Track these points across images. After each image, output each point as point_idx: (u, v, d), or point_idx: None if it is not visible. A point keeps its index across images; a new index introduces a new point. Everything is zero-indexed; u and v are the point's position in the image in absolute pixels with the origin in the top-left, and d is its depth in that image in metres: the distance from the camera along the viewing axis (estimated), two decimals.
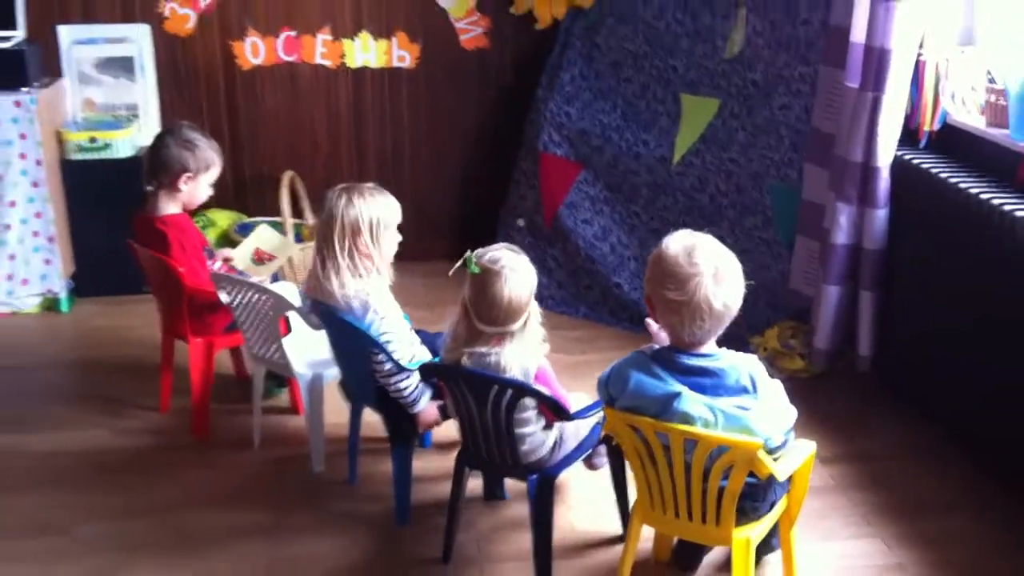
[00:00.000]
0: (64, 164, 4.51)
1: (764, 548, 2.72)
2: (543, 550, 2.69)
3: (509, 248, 2.64)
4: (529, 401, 2.57)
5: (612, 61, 4.43)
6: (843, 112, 3.53)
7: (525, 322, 2.59)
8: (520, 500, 3.06)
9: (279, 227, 4.39)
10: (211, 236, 4.62)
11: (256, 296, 3.17)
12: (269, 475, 3.28)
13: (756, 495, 2.42)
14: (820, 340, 3.68)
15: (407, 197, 4.86)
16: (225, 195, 4.91)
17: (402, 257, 3.04)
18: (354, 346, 2.91)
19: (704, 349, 2.36)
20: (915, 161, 3.42)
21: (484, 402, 2.55)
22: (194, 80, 4.82)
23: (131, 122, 4.67)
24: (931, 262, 3.35)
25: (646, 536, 2.82)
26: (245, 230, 4.70)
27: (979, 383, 3.13)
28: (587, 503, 3.07)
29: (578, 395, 2.81)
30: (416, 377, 2.87)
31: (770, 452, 2.34)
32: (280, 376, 3.59)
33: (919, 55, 3.41)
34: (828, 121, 3.69)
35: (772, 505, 2.49)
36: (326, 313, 2.94)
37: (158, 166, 3.46)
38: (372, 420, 3.19)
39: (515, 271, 2.57)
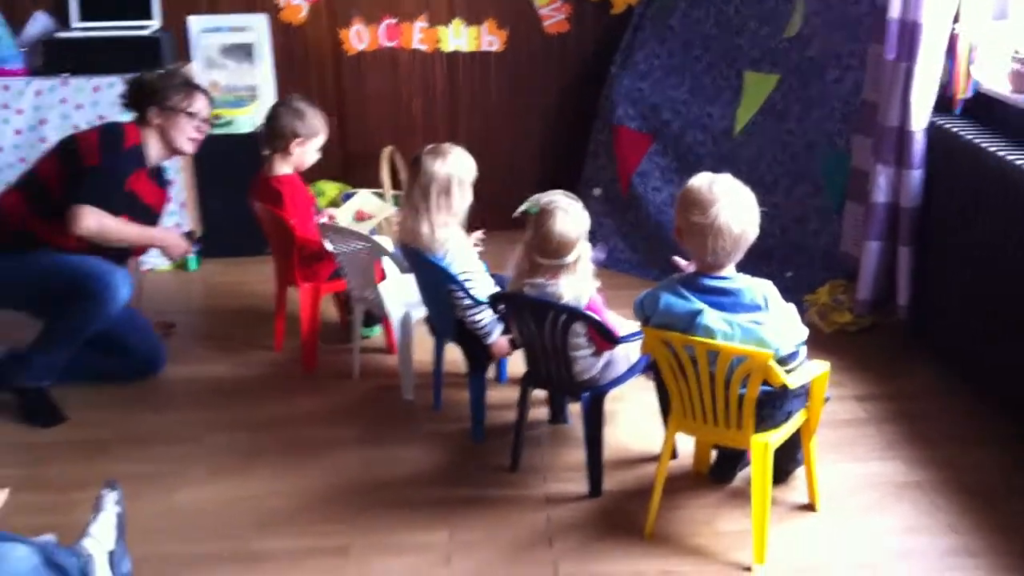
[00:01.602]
0: None
1: (791, 463, 3.12)
2: (595, 458, 3.13)
3: (564, 194, 3.09)
4: (580, 327, 3.01)
5: (684, 41, 4.84)
6: (883, 83, 3.87)
7: (577, 258, 3.03)
8: (581, 424, 3.50)
9: (381, 196, 4.91)
10: (321, 205, 5.16)
11: (356, 244, 3.68)
12: (366, 401, 3.79)
13: (773, 404, 2.81)
14: (862, 291, 4.02)
15: (495, 170, 5.38)
16: (333, 168, 5.44)
17: (490, 225, 3.49)
18: (437, 284, 3.38)
19: (724, 273, 2.77)
20: (949, 126, 3.74)
21: (542, 325, 3.00)
22: (306, 64, 5.36)
23: (250, 102, 5.24)
24: (964, 219, 3.65)
25: (688, 451, 3.26)
26: (350, 199, 5.23)
27: (1007, 332, 3.41)
28: (639, 426, 3.48)
29: (629, 323, 3.22)
30: (490, 312, 3.33)
31: (782, 362, 2.73)
32: (370, 317, 4.09)
33: (953, 29, 3.73)
34: (873, 93, 4.03)
35: (789, 415, 2.87)
36: (414, 257, 3.42)
37: (273, 132, 3.99)
38: (454, 357, 3.65)
39: (566, 211, 3.01)
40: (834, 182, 4.38)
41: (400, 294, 3.77)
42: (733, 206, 2.75)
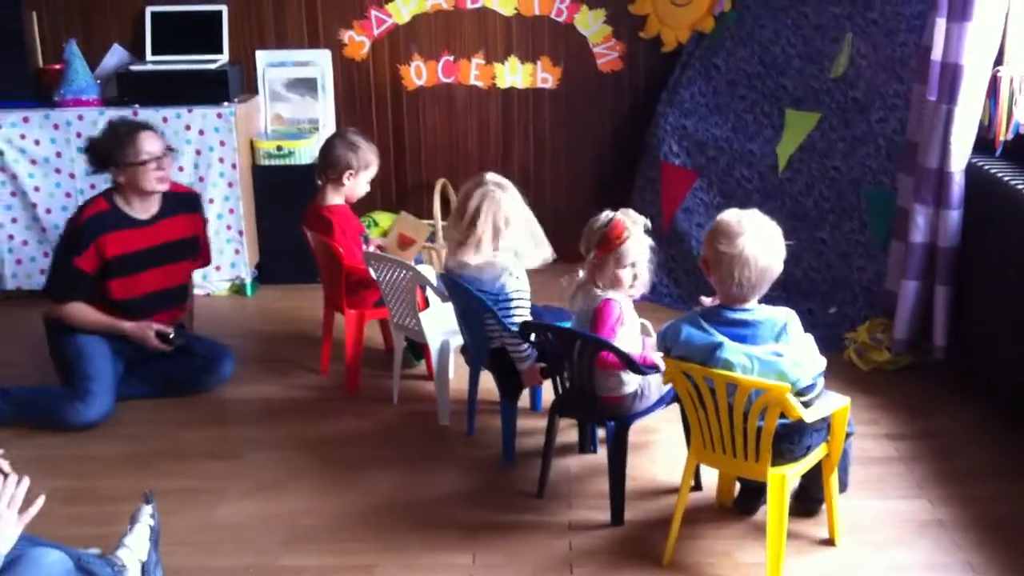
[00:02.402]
0: (255, 168, 5.30)
1: (813, 504, 3.15)
2: (617, 487, 3.18)
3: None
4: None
5: (729, 80, 4.90)
6: (924, 124, 3.89)
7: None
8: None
9: (431, 228, 5.05)
10: (375, 235, 5.30)
11: (398, 272, 3.80)
12: (403, 425, 3.90)
13: (792, 438, 2.84)
14: (899, 330, 4.03)
15: (546, 203, 5.53)
16: (388, 199, 5.62)
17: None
18: (473, 312, 3.48)
19: (746, 305, 2.82)
20: (989, 168, 3.75)
21: (570, 353, 3.08)
22: (367, 98, 5.54)
23: (312, 134, 5.42)
24: (1002, 261, 3.65)
25: (713, 483, 3.30)
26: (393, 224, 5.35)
27: None
28: (669, 458, 3.52)
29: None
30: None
31: (800, 393, 2.77)
32: (417, 349, 4.20)
33: (996, 70, 3.75)
34: (916, 133, 4.05)
35: (808, 449, 2.90)
36: (453, 285, 3.52)
37: (326, 163, 4.15)
38: (490, 386, 3.73)
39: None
40: (878, 220, 4.40)
41: (440, 322, 3.88)
42: (760, 238, 2.81)
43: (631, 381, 3.17)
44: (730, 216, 2.85)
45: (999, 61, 3.78)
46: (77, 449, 3.75)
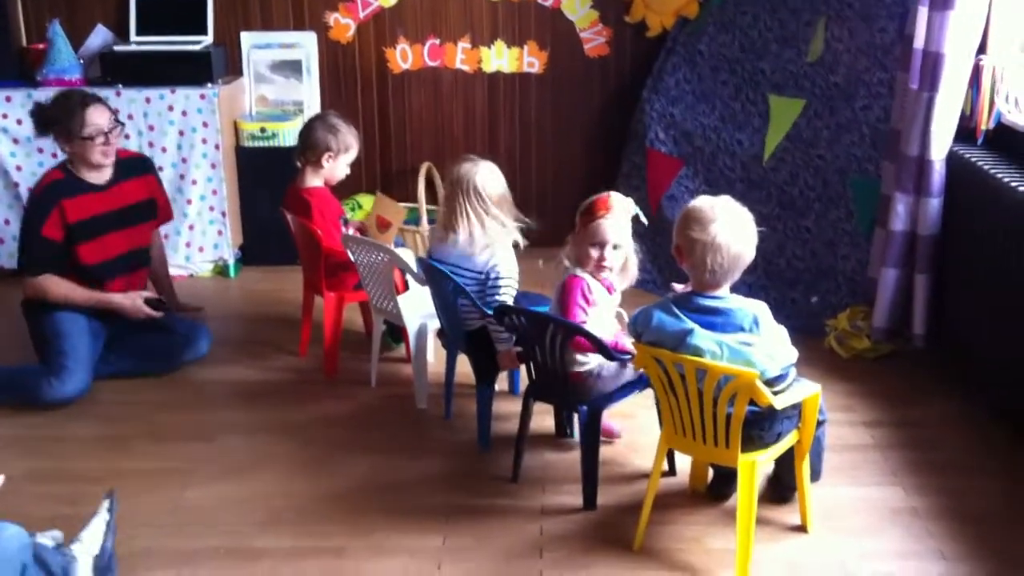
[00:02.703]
0: (239, 150, 5.28)
1: (786, 491, 3.14)
2: (590, 471, 3.18)
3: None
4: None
5: (712, 66, 4.88)
6: (906, 111, 3.87)
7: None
8: None
9: (414, 211, 5.04)
10: (358, 217, 5.29)
11: (375, 254, 3.79)
12: (381, 408, 3.89)
13: (761, 424, 2.84)
14: (878, 319, 4.02)
15: (532, 188, 5.52)
16: (373, 182, 5.61)
17: (529, 242, 3.59)
18: (449, 295, 3.47)
19: (717, 292, 2.81)
20: (970, 156, 3.73)
21: (542, 337, 3.07)
22: (352, 81, 5.52)
23: (296, 116, 5.40)
24: (982, 249, 3.64)
25: (687, 469, 3.30)
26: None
27: (1022, 363, 3.41)
28: (643, 443, 3.51)
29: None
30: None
31: (770, 383, 2.76)
32: (396, 332, 4.20)
33: (979, 59, 3.73)
34: (899, 121, 4.03)
35: (778, 436, 2.89)
36: (430, 269, 3.51)
37: (306, 145, 4.13)
38: (469, 371, 3.71)
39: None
40: (864, 208, 4.39)
41: (418, 305, 3.86)
42: (733, 225, 2.79)
43: (591, 359, 3.17)
44: (702, 203, 2.83)
45: (982, 50, 3.77)
46: (54, 430, 3.74)
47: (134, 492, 3.26)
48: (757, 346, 2.75)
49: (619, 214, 3.20)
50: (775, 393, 2.78)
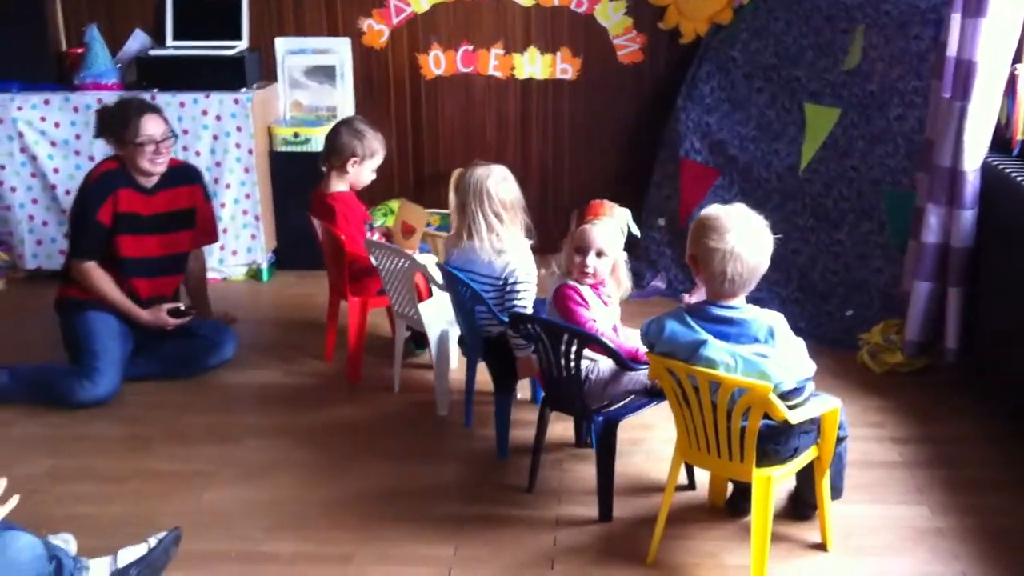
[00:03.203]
0: (272, 155, 5.31)
1: (806, 508, 3.08)
2: (605, 483, 3.14)
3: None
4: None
5: (745, 73, 4.82)
6: (939, 121, 3.79)
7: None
8: None
9: (446, 218, 5.03)
10: (390, 223, 5.28)
11: (397, 260, 3.78)
12: (401, 414, 3.88)
13: (777, 439, 2.78)
14: (910, 333, 3.93)
15: (563, 195, 5.49)
16: (406, 188, 5.61)
17: (558, 250, 3.53)
18: (466, 300, 3.45)
19: (733, 302, 2.76)
20: (1005, 167, 3.64)
21: (557, 347, 3.04)
22: (385, 87, 5.52)
23: (330, 122, 5.38)
24: (1017, 262, 3.54)
25: (705, 483, 3.24)
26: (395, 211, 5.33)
27: None
28: (662, 455, 3.42)
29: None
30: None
31: (786, 397, 2.71)
32: (420, 338, 4.18)
33: (1014, 68, 3.64)
34: (933, 131, 3.94)
35: (795, 451, 2.83)
36: (449, 275, 3.50)
37: (331, 150, 4.14)
38: (489, 378, 3.69)
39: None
40: (897, 220, 4.30)
41: (440, 312, 3.85)
42: (750, 233, 2.74)
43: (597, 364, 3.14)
44: (717, 211, 2.78)
45: (1017, 58, 3.68)
46: (78, 429, 3.77)
47: (155, 493, 3.30)
48: (772, 358, 2.70)
49: (609, 222, 3.17)
50: (791, 407, 2.72)
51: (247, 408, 3.97)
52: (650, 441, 3.58)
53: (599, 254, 3.14)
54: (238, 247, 5.28)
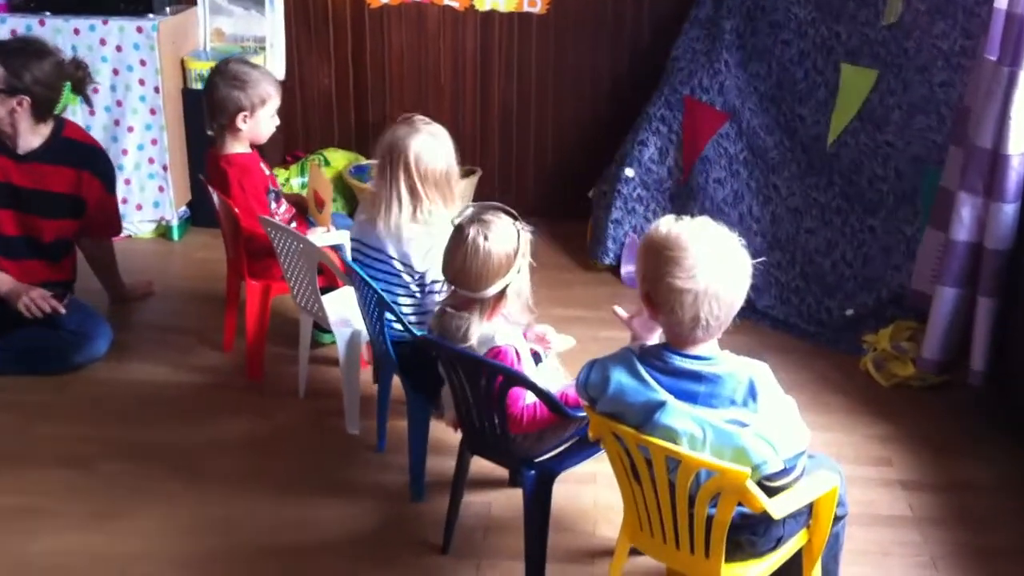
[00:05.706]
0: (187, 92, 4.53)
1: None
2: (535, 553, 2.45)
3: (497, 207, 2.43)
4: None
5: (772, 21, 4.02)
6: (980, 87, 3.03)
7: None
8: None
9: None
10: (328, 174, 4.53)
11: (291, 242, 3.05)
12: (303, 429, 3.19)
13: (755, 529, 2.08)
14: (930, 349, 3.21)
15: (530, 148, 4.74)
16: (347, 136, 4.87)
17: (524, 211, 2.79)
18: (369, 298, 2.73)
19: (703, 349, 2.03)
20: None
21: (476, 385, 2.33)
22: (323, 15, 4.72)
23: (257, 55, 4.63)
24: None
25: None
26: (361, 172, 4.61)
27: None
28: (608, 514, 2.76)
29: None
30: None
31: (771, 479, 2.00)
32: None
33: None
34: (972, 98, 3.19)
35: (778, 542, 2.14)
36: (355, 272, 2.77)
37: (213, 109, 3.40)
38: None
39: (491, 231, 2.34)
40: (930, 206, 3.54)
41: (349, 307, 3.12)
42: (726, 263, 1.99)
43: None
44: (677, 234, 2.00)
45: None
46: None
47: None
48: (752, 428, 1.98)
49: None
50: (776, 489, 2.01)
51: (115, 416, 3.24)
52: (600, 483, 2.87)
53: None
54: (143, 200, 4.52)
